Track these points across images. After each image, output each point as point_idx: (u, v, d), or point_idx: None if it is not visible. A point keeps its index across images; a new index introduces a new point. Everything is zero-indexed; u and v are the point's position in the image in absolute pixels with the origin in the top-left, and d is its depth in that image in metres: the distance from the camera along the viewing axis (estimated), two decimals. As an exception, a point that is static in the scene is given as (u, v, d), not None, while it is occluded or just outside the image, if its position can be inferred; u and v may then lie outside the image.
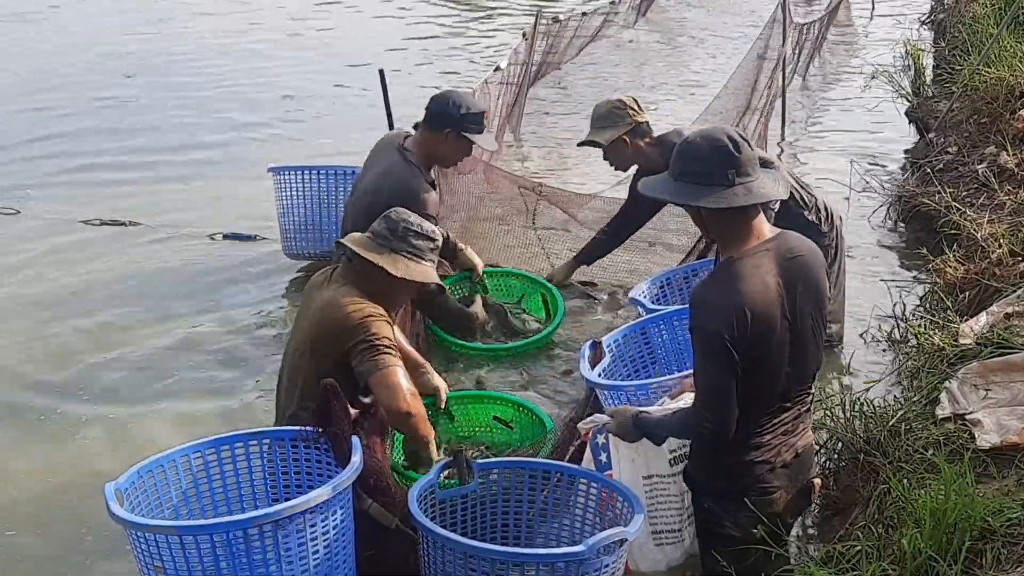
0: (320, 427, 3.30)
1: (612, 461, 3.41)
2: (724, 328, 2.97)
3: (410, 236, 3.71)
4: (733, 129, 3.16)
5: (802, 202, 4.78)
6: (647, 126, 4.96)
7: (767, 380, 3.08)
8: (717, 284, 3.08)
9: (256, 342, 5.66)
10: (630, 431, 3.33)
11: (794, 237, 3.18)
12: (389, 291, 3.70)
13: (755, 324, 2.98)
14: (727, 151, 3.02)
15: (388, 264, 3.65)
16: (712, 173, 3.03)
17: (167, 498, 3.28)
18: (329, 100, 10.39)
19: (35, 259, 6.68)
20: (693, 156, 3.08)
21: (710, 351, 3.02)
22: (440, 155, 4.92)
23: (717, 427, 3.06)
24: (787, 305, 3.06)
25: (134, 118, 9.77)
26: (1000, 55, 7.66)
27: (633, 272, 5.87)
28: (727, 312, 2.98)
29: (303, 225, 6.28)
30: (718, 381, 3.03)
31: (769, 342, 3.04)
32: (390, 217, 3.76)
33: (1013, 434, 3.65)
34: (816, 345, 3.19)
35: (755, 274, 3.03)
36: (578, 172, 8.10)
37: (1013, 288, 4.76)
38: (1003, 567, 3.04)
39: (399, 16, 14.29)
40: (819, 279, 3.17)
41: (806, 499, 3.37)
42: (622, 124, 4.91)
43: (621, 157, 5.04)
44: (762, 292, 3.02)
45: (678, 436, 3.31)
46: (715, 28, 13.38)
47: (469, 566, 3.11)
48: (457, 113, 4.77)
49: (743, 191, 3.02)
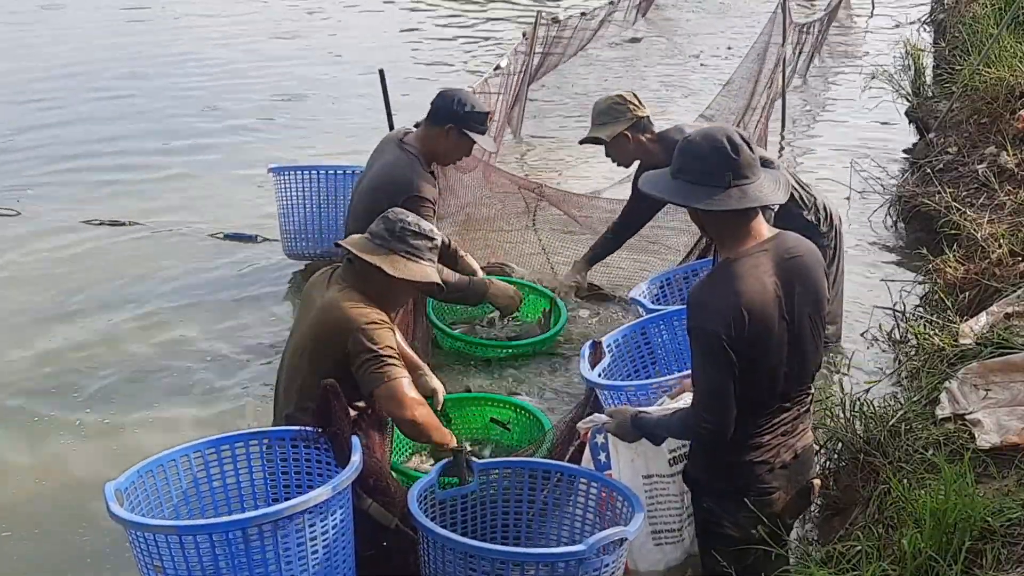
0: (320, 427, 3.30)
1: (612, 461, 3.40)
2: (722, 328, 2.97)
3: (407, 236, 3.70)
4: (735, 130, 3.15)
5: (802, 202, 4.77)
6: (648, 121, 4.98)
7: (765, 380, 3.08)
8: (714, 284, 3.08)
9: (256, 342, 5.66)
10: (629, 431, 3.33)
11: (792, 237, 3.18)
12: (388, 291, 3.69)
13: (752, 324, 2.98)
14: (725, 153, 3.01)
15: (386, 264, 3.64)
16: (709, 173, 3.02)
17: (167, 498, 3.27)
18: (329, 100, 10.40)
19: (35, 260, 6.68)
20: (692, 155, 3.07)
21: (708, 351, 3.01)
22: (440, 150, 4.91)
23: (716, 427, 3.06)
24: (785, 306, 3.05)
25: (134, 118, 9.78)
26: (1000, 55, 7.66)
27: (634, 272, 5.87)
28: (724, 312, 2.97)
29: (304, 225, 6.29)
30: (716, 381, 3.03)
31: (767, 342, 3.03)
32: (388, 217, 3.76)
33: (1013, 434, 3.64)
34: (815, 346, 3.18)
35: (753, 274, 3.03)
36: (578, 172, 8.11)
37: (1013, 288, 4.75)
38: (1003, 567, 3.03)
39: (399, 16, 14.31)
40: (818, 280, 3.16)
41: (806, 500, 3.37)
42: (623, 119, 4.92)
43: (623, 153, 5.04)
44: (760, 292, 3.01)
45: (677, 436, 3.31)
46: (715, 28, 13.38)
47: (469, 566, 3.11)
48: (461, 110, 4.78)
49: (738, 194, 3.02)
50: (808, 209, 4.79)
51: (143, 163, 8.55)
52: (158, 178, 8.21)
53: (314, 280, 3.84)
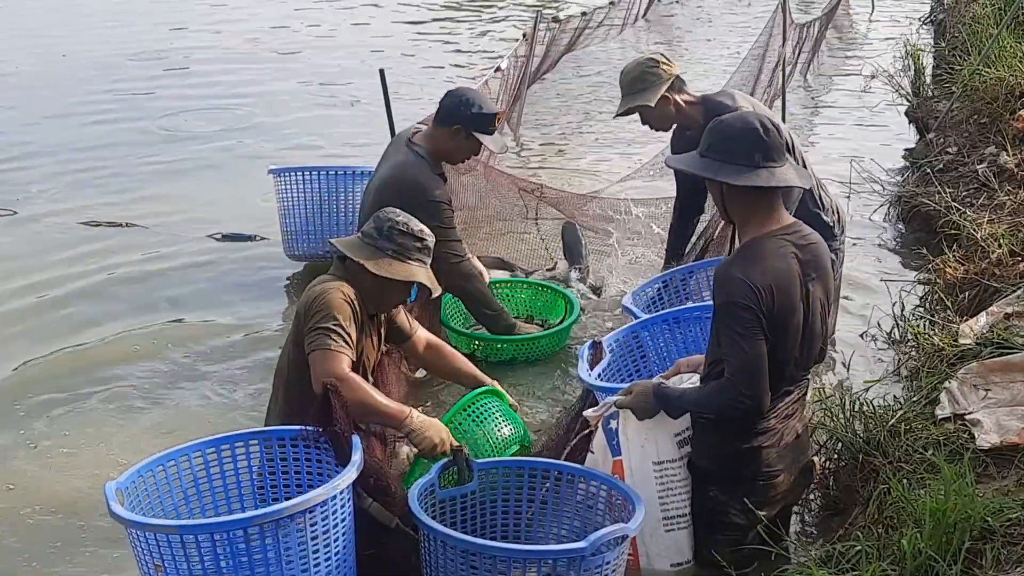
0: (320, 426, 3.30)
1: (620, 447, 3.39)
2: (752, 302, 3.02)
3: (395, 235, 3.67)
4: (768, 116, 3.23)
5: (820, 203, 4.65)
6: (681, 79, 4.72)
7: (779, 364, 3.14)
8: (744, 261, 3.12)
9: (256, 342, 5.65)
10: (650, 403, 3.31)
11: (806, 226, 3.26)
12: (375, 291, 3.67)
13: (779, 303, 3.05)
14: (757, 133, 3.09)
15: (369, 263, 3.62)
16: (739, 153, 3.09)
17: (167, 497, 3.27)
18: (329, 101, 10.39)
19: (33, 260, 6.66)
20: (722, 134, 3.14)
21: (740, 326, 3.05)
22: (447, 150, 4.88)
23: (753, 401, 3.09)
24: (803, 290, 3.12)
25: (133, 118, 9.77)
26: (1000, 55, 7.67)
27: (635, 271, 5.87)
28: (754, 287, 3.03)
29: (304, 226, 6.28)
30: (751, 355, 3.05)
31: (788, 323, 3.10)
32: (378, 216, 3.74)
33: (1013, 434, 3.65)
34: (822, 332, 3.26)
35: (779, 254, 3.09)
36: (578, 171, 8.11)
37: (1013, 288, 4.76)
38: (1003, 567, 3.04)
39: (399, 17, 14.31)
40: (828, 268, 3.25)
41: (808, 478, 3.47)
42: (660, 82, 4.62)
43: (664, 117, 4.74)
44: (786, 272, 3.09)
45: (705, 411, 3.26)
46: (714, 28, 13.39)
47: (470, 563, 3.11)
48: (469, 111, 4.75)
49: (767, 174, 3.09)
50: (825, 211, 4.70)
51: (142, 163, 8.54)
52: (158, 178, 8.20)
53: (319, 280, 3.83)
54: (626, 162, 8.02)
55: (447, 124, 4.78)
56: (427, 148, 4.80)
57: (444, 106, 4.83)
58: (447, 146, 4.85)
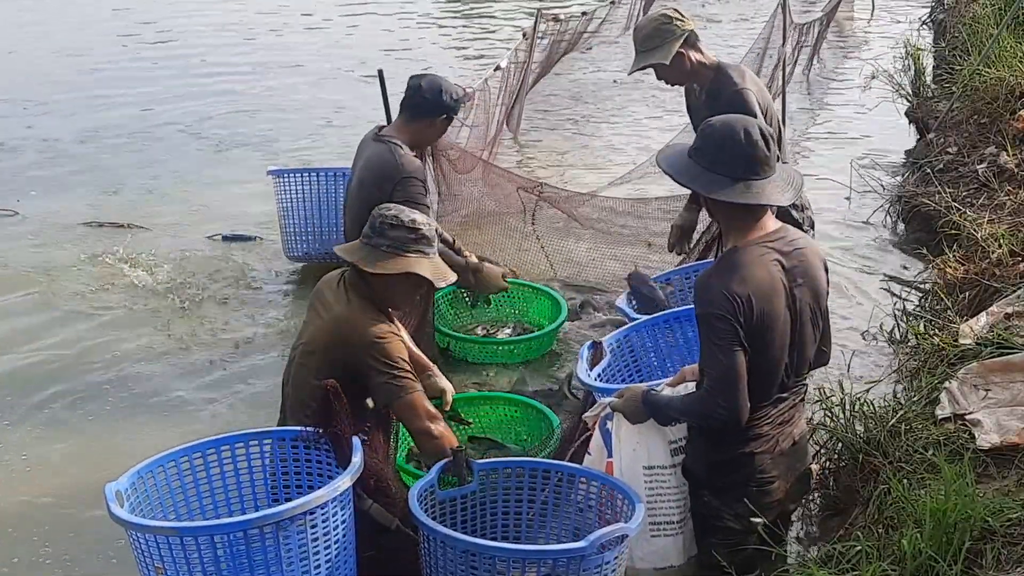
0: (321, 427, 3.29)
1: (612, 449, 3.39)
2: (729, 313, 2.99)
3: (386, 229, 3.59)
4: (758, 123, 3.14)
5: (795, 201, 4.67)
6: (695, 34, 4.66)
7: (767, 371, 3.10)
8: (721, 272, 3.10)
9: (256, 343, 5.66)
10: (639, 409, 3.31)
11: (794, 231, 3.22)
12: (384, 291, 3.62)
13: (759, 312, 3.01)
14: (740, 146, 3.03)
15: (364, 262, 3.58)
16: (721, 163, 3.05)
17: (168, 499, 3.27)
18: (329, 101, 10.39)
19: (34, 262, 6.66)
20: (710, 139, 3.10)
21: (717, 337, 3.03)
22: (427, 138, 4.99)
23: (730, 413, 3.06)
24: (788, 297, 3.08)
25: (133, 118, 9.77)
26: (1000, 55, 7.66)
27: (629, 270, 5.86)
28: (732, 298, 3.00)
29: (304, 226, 6.29)
30: (728, 366, 3.03)
31: (772, 331, 3.06)
32: (372, 215, 3.71)
33: (1013, 434, 3.65)
34: (814, 338, 3.22)
35: (759, 263, 3.05)
36: (577, 170, 8.12)
37: (1013, 288, 4.75)
38: (1003, 567, 3.04)
39: (399, 17, 14.30)
40: (818, 273, 3.19)
41: (805, 485, 3.41)
42: (675, 37, 4.58)
43: (681, 73, 4.68)
44: (767, 280, 3.04)
45: (688, 419, 3.27)
46: (714, 28, 13.38)
47: (471, 564, 3.11)
48: (451, 101, 4.83)
49: (743, 188, 3.04)
50: (798, 208, 4.72)
51: (143, 164, 8.55)
52: (158, 179, 8.20)
53: (327, 279, 3.74)
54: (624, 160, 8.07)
55: (431, 116, 4.81)
56: (402, 139, 4.80)
57: (428, 100, 4.82)
58: (428, 134, 4.92)
